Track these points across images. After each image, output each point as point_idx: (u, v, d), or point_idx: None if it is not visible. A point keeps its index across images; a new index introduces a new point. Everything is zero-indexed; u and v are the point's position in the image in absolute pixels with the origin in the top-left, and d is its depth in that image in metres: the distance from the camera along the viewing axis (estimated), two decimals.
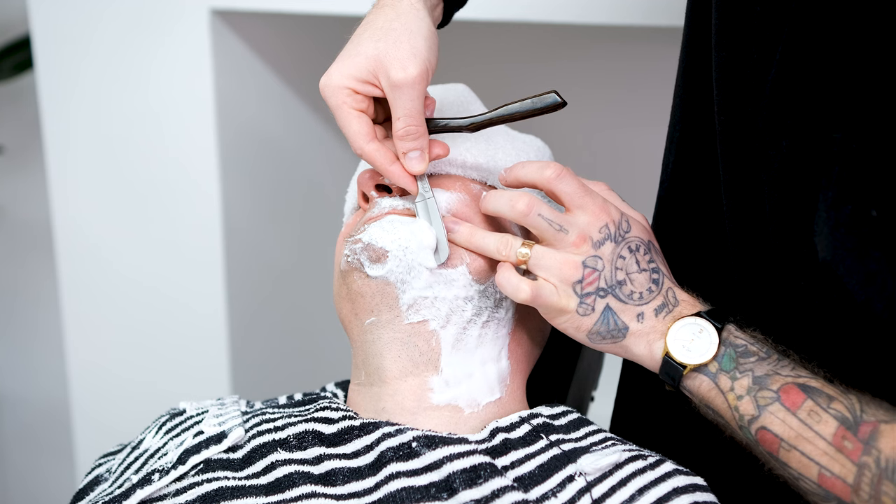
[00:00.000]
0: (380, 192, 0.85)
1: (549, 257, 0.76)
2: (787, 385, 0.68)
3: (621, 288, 0.75)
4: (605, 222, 0.76)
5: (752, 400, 0.69)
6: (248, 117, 1.36)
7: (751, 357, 0.71)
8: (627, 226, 0.77)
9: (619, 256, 0.75)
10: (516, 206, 0.76)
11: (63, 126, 1.42)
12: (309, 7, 1.23)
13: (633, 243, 0.76)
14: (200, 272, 1.37)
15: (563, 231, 0.75)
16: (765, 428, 0.68)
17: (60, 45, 1.39)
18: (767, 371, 0.69)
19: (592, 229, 0.75)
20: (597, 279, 0.75)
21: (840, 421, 0.65)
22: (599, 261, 0.75)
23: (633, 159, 1.57)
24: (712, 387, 0.72)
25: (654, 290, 0.75)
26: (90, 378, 1.51)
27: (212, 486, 0.77)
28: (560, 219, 0.76)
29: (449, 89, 0.93)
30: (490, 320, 0.82)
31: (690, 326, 0.73)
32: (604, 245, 0.75)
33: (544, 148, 0.95)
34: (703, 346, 0.72)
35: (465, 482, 0.73)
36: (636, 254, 0.76)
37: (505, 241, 0.78)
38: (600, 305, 0.75)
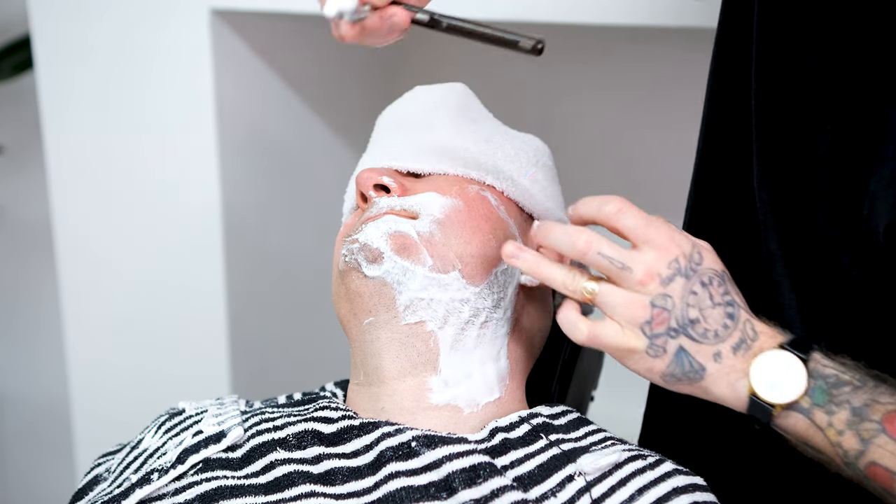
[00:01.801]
0: (378, 192, 0.85)
1: (615, 296, 0.71)
2: (891, 413, 0.63)
3: (694, 327, 0.69)
4: (675, 256, 0.70)
5: (855, 434, 0.64)
6: (248, 117, 1.36)
7: (844, 387, 0.65)
8: (699, 257, 0.71)
9: (690, 292, 0.69)
10: (576, 245, 0.71)
11: (63, 126, 1.42)
12: (309, 7, 1.23)
13: (706, 276, 0.70)
14: (200, 272, 1.37)
15: (628, 269, 0.70)
16: (875, 463, 0.63)
17: (60, 45, 1.39)
18: (865, 400, 0.64)
19: (661, 265, 0.70)
20: (667, 319, 0.69)
21: None
22: (669, 299, 0.69)
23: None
24: (808, 424, 0.66)
25: (730, 326, 0.69)
26: (90, 377, 1.51)
27: (211, 486, 0.77)
28: (624, 256, 0.71)
29: (448, 89, 0.93)
30: (488, 321, 0.82)
31: (774, 361, 0.68)
32: (674, 281, 0.70)
33: (543, 148, 0.95)
34: (791, 382, 0.67)
35: (465, 482, 0.73)
36: (709, 288, 0.70)
37: (571, 277, 0.73)
38: (672, 346, 0.70)
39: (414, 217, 0.82)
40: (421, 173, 0.87)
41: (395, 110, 0.94)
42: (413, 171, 0.87)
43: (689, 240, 0.71)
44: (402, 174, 0.87)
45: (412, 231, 0.80)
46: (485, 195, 0.85)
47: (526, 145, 0.92)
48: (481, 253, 0.81)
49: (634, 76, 1.54)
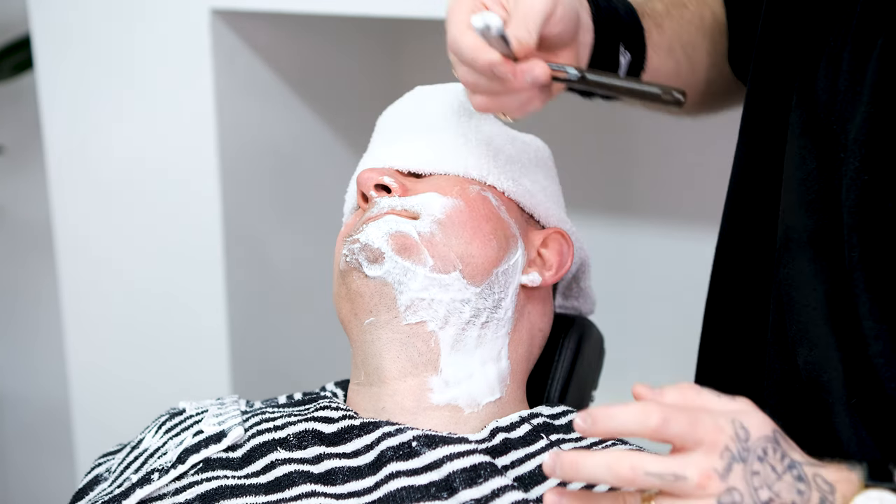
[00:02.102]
0: (379, 192, 0.85)
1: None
2: None
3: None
4: (724, 444, 0.62)
5: None
6: (248, 117, 1.36)
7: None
8: (745, 433, 0.64)
9: (753, 474, 0.63)
10: (620, 474, 0.63)
11: (63, 126, 1.42)
12: (309, 7, 1.23)
13: (760, 449, 0.63)
14: (200, 272, 1.37)
15: (682, 479, 0.62)
16: None
17: (60, 45, 1.39)
18: None
19: (713, 460, 0.62)
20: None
21: None
22: (735, 492, 0.62)
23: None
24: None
25: (804, 491, 0.62)
26: (90, 378, 1.51)
27: (211, 485, 0.77)
28: (674, 466, 0.63)
29: (449, 89, 0.93)
30: (489, 321, 0.82)
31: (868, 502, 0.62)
32: (732, 471, 0.62)
33: (544, 148, 0.95)
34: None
35: (465, 481, 0.73)
36: (768, 460, 0.63)
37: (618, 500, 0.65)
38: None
39: (415, 217, 0.82)
40: (422, 173, 0.87)
41: (396, 110, 0.94)
42: (414, 171, 0.87)
43: (729, 415, 0.64)
44: (403, 174, 0.87)
45: (413, 231, 0.80)
46: (486, 195, 0.85)
47: (527, 146, 0.92)
48: (482, 253, 0.81)
49: None
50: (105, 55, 1.36)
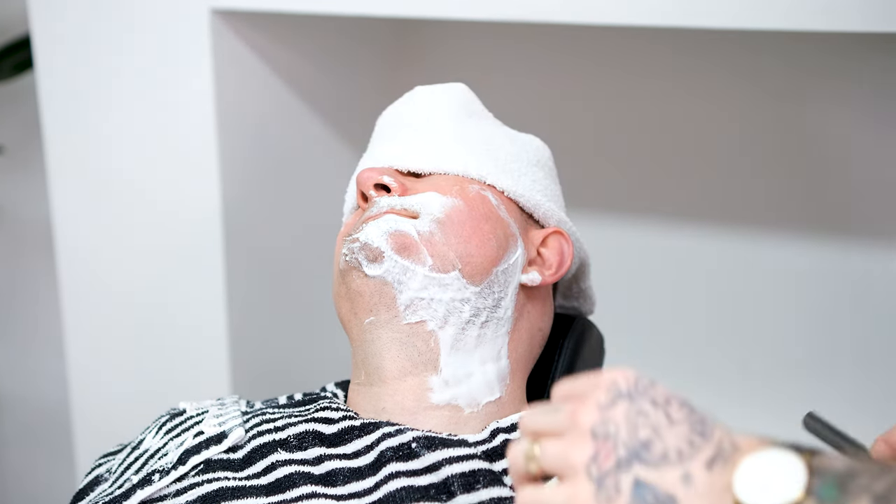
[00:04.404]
0: (379, 192, 0.85)
1: (553, 447, 0.58)
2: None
3: (649, 449, 0.55)
4: (614, 380, 0.58)
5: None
6: (248, 117, 1.36)
7: (861, 478, 0.51)
8: (650, 383, 0.58)
9: (638, 413, 0.56)
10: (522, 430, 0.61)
11: (63, 126, 1.42)
12: (309, 7, 1.23)
13: (661, 397, 0.57)
14: (200, 272, 1.37)
15: (558, 410, 0.59)
16: None
17: (60, 45, 1.38)
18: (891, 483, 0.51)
19: (598, 394, 0.58)
20: (612, 449, 0.56)
21: None
22: (611, 424, 0.56)
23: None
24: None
25: (697, 443, 0.55)
26: (90, 378, 1.51)
27: (212, 487, 0.77)
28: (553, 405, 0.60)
29: (449, 89, 0.93)
30: (489, 320, 0.82)
31: (764, 463, 0.53)
32: (615, 405, 0.57)
33: (543, 148, 0.95)
34: (787, 481, 0.52)
35: (463, 486, 0.73)
36: (665, 407, 0.57)
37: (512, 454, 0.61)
38: (626, 482, 0.55)
39: (414, 216, 0.82)
40: (421, 173, 0.87)
41: (396, 110, 0.94)
42: (413, 170, 0.87)
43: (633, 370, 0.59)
44: (402, 174, 0.87)
45: (412, 230, 0.80)
46: (485, 195, 0.85)
47: (526, 145, 0.92)
48: (481, 252, 0.81)
49: (635, 76, 1.54)
50: (105, 55, 1.36)
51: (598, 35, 1.52)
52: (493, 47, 1.61)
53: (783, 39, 1.41)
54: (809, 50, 1.41)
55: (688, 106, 1.52)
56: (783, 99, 1.46)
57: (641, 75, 1.53)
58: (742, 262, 1.50)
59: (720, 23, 1.05)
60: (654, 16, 1.07)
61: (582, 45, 1.56)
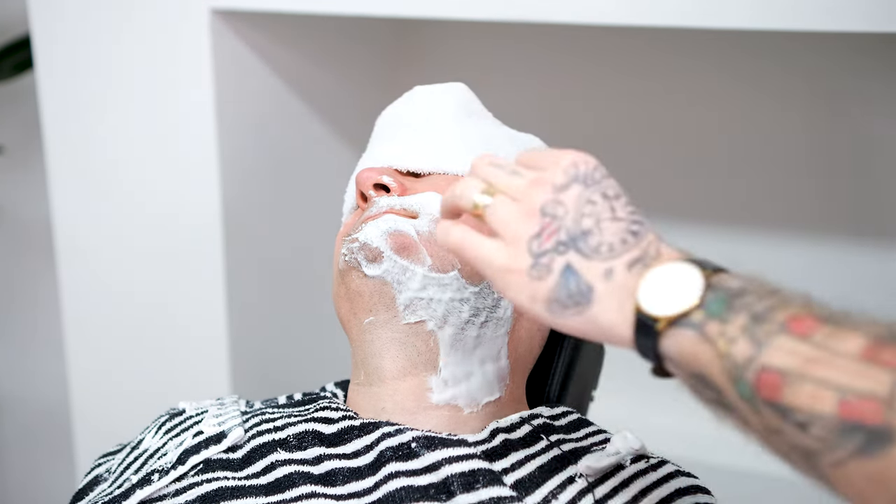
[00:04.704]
0: (378, 192, 0.85)
1: (505, 208, 0.62)
2: (798, 314, 0.51)
3: (587, 239, 0.58)
4: (574, 161, 0.61)
5: (749, 338, 0.52)
6: (248, 117, 1.36)
7: (748, 296, 0.53)
8: (604, 174, 0.61)
9: (588, 202, 0.59)
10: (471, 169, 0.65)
11: (63, 126, 1.42)
12: (309, 7, 1.23)
13: (612, 191, 0.60)
14: (200, 272, 1.37)
15: (518, 175, 0.62)
16: (764, 368, 0.51)
17: (60, 45, 1.38)
18: (770, 305, 0.52)
19: (556, 170, 0.61)
20: (556, 231, 0.59)
21: (872, 336, 0.49)
22: (560, 206, 0.59)
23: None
24: (697, 340, 0.54)
25: (629, 242, 0.58)
26: (90, 378, 1.51)
27: (211, 487, 0.77)
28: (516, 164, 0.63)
29: (449, 88, 0.93)
30: (489, 320, 0.82)
31: (668, 273, 0.56)
32: (570, 189, 0.60)
33: (543, 148, 0.95)
34: (684, 293, 0.55)
35: (463, 486, 0.73)
36: (612, 201, 0.60)
37: (465, 186, 0.65)
38: (559, 264, 0.58)
39: (414, 216, 0.82)
40: (421, 173, 0.87)
41: (395, 110, 0.94)
42: (413, 170, 0.87)
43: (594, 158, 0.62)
44: (401, 174, 0.87)
45: (412, 230, 0.80)
46: None
47: (526, 145, 0.92)
48: None
49: (634, 75, 1.54)
50: (105, 55, 1.36)
51: (598, 35, 1.52)
52: (493, 47, 1.61)
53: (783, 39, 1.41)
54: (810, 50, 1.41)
55: (688, 106, 1.52)
56: (783, 99, 1.47)
57: (641, 75, 1.53)
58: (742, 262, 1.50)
59: (720, 23, 1.05)
60: (654, 16, 1.07)
61: (582, 45, 1.56)
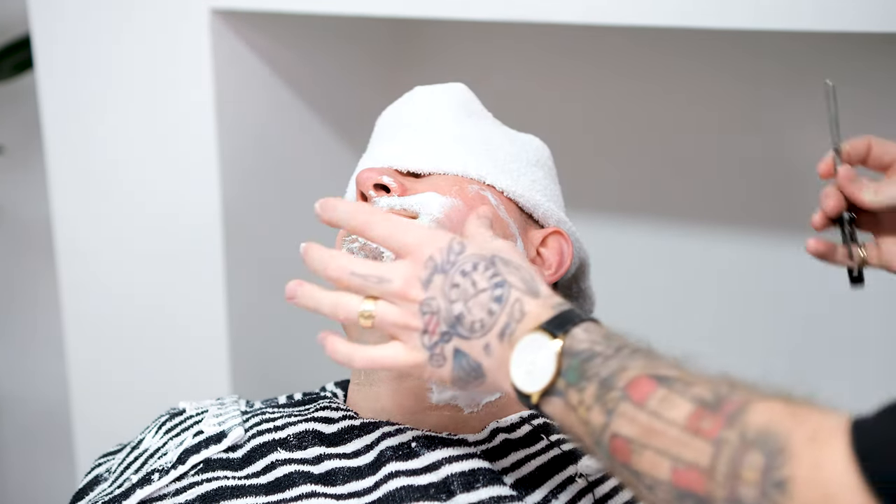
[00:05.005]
0: (378, 192, 0.85)
1: (390, 314, 0.65)
2: (636, 378, 0.55)
3: (462, 323, 0.62)
4: (430, 254, 0.64)
5: (602, 407, 0.55)
6: (248, 117, 1.36)
7: (596, 359, 0.57)
8: (460, 247, 0.64)
9: (452, 286, 0.63)
10: (328, 272, 0.68)
11: (63, 126, 1.42)
12: (309, 7, 1.23)
13: (468, 264, 0.63)
14: (200, 272, 1.37)
15: (386, 282, 0.65)
16: (615, 435, 0.54)
17: (60, 45, 1.38)
18: (614, 368, 0.56)
19: (417, 268, 0.64)
20: (438, 323, 0.63)
21: (698, 403, 0.52)
22: (433, 301, 0.63)
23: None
24: (564, 407, 0.58)
25: (495, 312, 0.61)
26: (90, 378, 1.51)
27: (211, 486, 0.77)
28: (379, 270, 0.66)
29: (448, 89, 0.93)
30: None
31: (529, 346, 0.59)
32: (432, 281, 0.64)
33: (543, 148, 0.95)
34: (543, 366, 0.58)
35: (463, 486, 0.73)
36: (472, 275, 0.63)
37: (340, 301, 0.68)
38: (449, 351, 0.63)
39: (414, 217, 0.82)
40: (421, 173, 0.87)
41: (395, 110, 0.94)
42: (413, 170, 0.87)
43: (448, 233, 0.66)
44: (402, 174, 0.87)
45: None
46: (485, 195, 0.85)
47: (526, 145, 0.92)
48: None
49: (634, 76, 1.54)
50: (105, 55, 1.36)
51: (598, 35, 1.52)
52: (493, 47, 1.61)
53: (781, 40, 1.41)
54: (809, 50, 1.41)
55: (688, 106, 1.52)
56: (784, 99, 1.46)
57: (641, 75, 1.53)
58: (743, 261, 1.50)
59: (720, 23, 1.05)
60: (653, 16, 1.07)
61: (582, 45, 1.56)
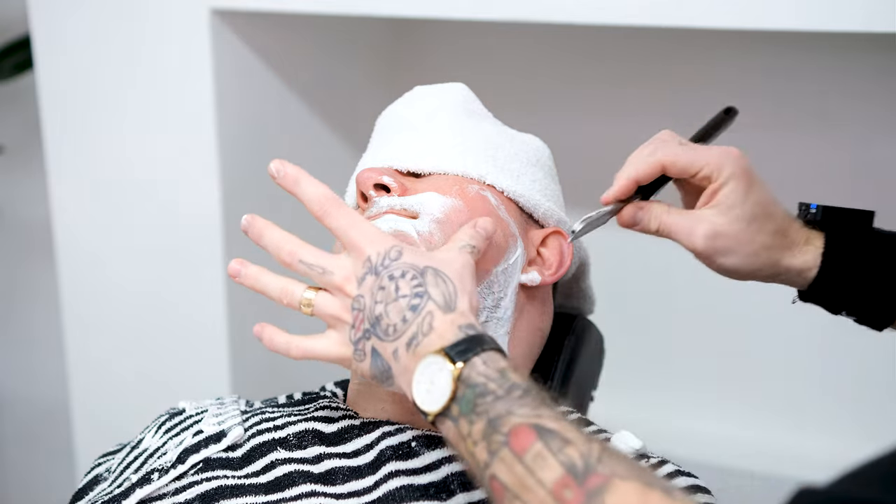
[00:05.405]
0: (378, 192, 0.85)
1: (328, 305, 0.69)
2: (519, 427, 0.58)
3: (380, 324, 0.66)
4: (369, 254, 0.68)
5: (486, 446, 0.59)
6: (248, 117, 1.36)
7: (488, 397, 0.60)
8: (397, 254, 0.68)
9: (379, 288, 0.66)
10: (281, 255, 0.72)
11: (63, 126, 1.42)
12: (309, 7, 1.23)
13: (399, 270, 0.67)
14: (200, 271, 1.37)
15: (328, 274, 0.69)
16: (494, 476, 0.58)
17: (60, 45, 1.38)
18: (502, 411, 0.59)
19: (357, 266, 0.68)
20: (363, 320, 0.67)
21: (567, 468, 0.55)
22: (362, 299, 0.67)
23: None
24: (456, 433, 0.61)
25: (408, 319, 0.65)
26: (90, 378, 1.51)
27: (211, 485, 0.77)
28: (324, 261, 0.70)
29: (448, 89, 0.93)
30: (488, 321, 0.82)
31: (431, 366, 0.63)
32: (365, 280, 0.67)
33: (543, 148, 0.95)
34: (441, 390, 0.62)
35: (462, 485, 0.73)
36: (398, 281, 0.66)
37: (287, 288, 0.72)
38: (368, 349, 0.67)
39: (414, 217, 0.82)
40: (421, 173, 0.87)
41: (396, 110, 0.94)
42: (413, 170, 0.87)
43: (392, 240, 0.69)
44: (402, 174, 0.87)
45: (412, 230, 0.80)
46: (485, 195, 0.85)
47: (526, 145, 0.92)
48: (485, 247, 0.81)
49: (634, 75, 1.54)
50: (105, 55, 1.36)
51: (598, 35, 1.52)
52: (493, 47, 1.61)
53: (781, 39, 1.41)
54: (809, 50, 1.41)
55: (687, 106, 1.52)
56: (784, 99, 1.46)
57: (641, 75, 1.53)
58: None
59: (720, 23, 1.05)
60: (654, 16, 1.07)
61: (582, 45, 1.56)
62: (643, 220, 0.78)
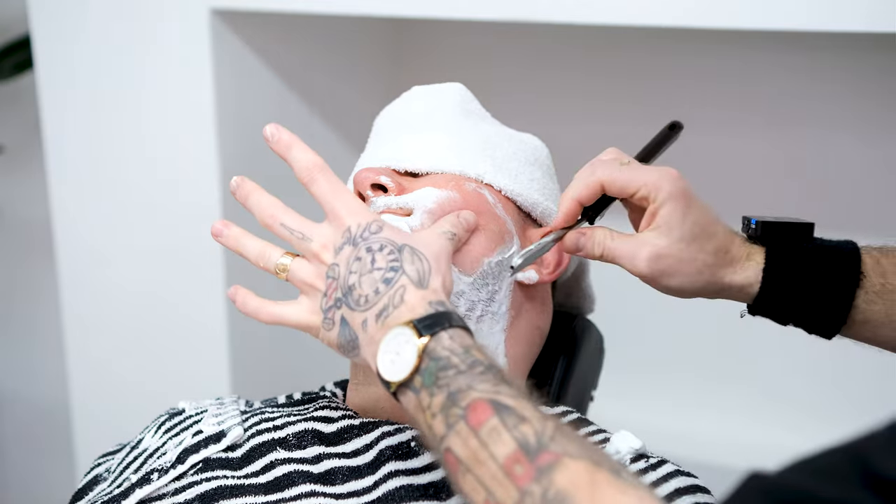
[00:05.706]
0: (376, 192, 0.85)
1: (302, 271, 0.71)
2: (477, 401, 0.59)
3: (352, 293, 0.67)
4: (349, 225, 0.69)
5: (444, 419, 0.60)
6: (247, 117, 1.36)
7: (450, 370, 0.61)
8: (377, 228, 0.69)
9: (355, 259, 0.67)
10: (263, 217, 0.72)
11: (63, 126, 1.42)
12: (309, 7, 1.23)
13: (377, 244, 0.68)
14: (200, 272, 1.37)
15: (308, 240, 0.70)
16: (449, 449, 0.59)
17: (60, 45, 1.39)
18: (462, 385, 0.60)
19: (336, 235, 0.69)
20: (336, 289, 0.68)
21: (519, 444, 0.56)
22: (337, 268, 0.68)
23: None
24: (416, 404, 0.62)
25: (381, 292, 0.66)
26: (90, 378, 1.51)
27: (210, 485, 0.77)
28: (304, 227, 0.71)
29: (447, 89, 0.93)
30: (484, 315, 0.82)
31: (398, 337, 0.63)
32: (342, 250, 0.68)
33: (542, 147, 0.95)
34: (405, 361, 0.63)
35: None
36: (375, 254, 0.67)
37: (265, 251, 0.73)
38: (338, 317, 0.68)
39: (409, 214, 0.82)
40: (418, 173, 0.87)
41: (394, 110, 0.94)
42: (411, 170, 0.87)
43: (374, 215, 0.70)
44: (399, 174, 0.87)
45: (406, 228, 0.80)
46: (482, 193, 0.84)
47: (524, 144, 0.92)
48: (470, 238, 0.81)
49: (634, 75, 1.54)
50: (105, 55, 1.36)
51: (598, 35, 1.52)
52: (493, 47, 1.61)
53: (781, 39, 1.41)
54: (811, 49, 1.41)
55: (687, 106, 1.52)
56: (783, 99, 1.46)
57: (641, 75, 1.53)
58: None
59: (720, 23, 1.05)
60: (653, 16, 1.07)
61: (581, 44, 1.56)
62: (586, 246, 0.79)
